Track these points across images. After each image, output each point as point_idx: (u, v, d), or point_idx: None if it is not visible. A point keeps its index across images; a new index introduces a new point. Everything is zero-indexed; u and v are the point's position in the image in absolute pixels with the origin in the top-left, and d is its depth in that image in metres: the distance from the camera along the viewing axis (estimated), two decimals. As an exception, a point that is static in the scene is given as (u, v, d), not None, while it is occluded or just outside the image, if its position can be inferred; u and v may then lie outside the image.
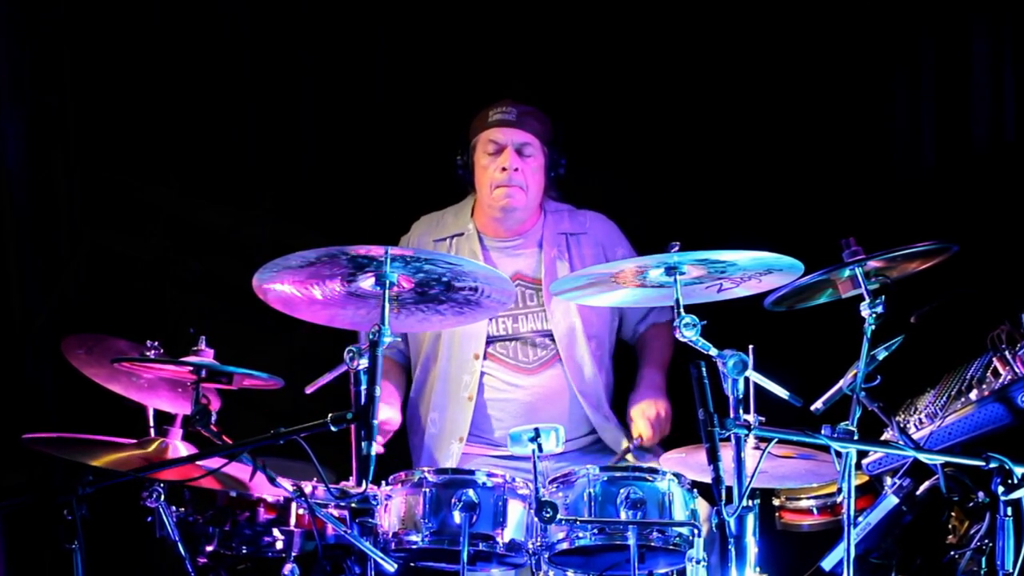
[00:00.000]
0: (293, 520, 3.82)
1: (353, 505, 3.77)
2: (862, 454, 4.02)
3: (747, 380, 3.51)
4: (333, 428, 3.41)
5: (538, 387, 4.60)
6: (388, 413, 4.51)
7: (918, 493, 4.07)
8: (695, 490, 3.86)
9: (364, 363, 3.48)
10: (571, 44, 5.36)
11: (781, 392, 3.61)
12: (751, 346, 3.54)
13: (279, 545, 3.82)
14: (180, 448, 3.92)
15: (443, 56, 5.40)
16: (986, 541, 3.91)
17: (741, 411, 3.46)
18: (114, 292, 5.34)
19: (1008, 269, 4.77)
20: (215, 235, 5.50)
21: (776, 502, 4.40)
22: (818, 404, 3.78)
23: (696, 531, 3.70)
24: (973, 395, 4.00)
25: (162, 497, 3.73)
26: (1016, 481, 3.43)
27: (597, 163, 5.17)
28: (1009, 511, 3.49)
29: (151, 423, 4.02)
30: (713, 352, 3.50)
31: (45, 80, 5.33)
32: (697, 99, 5.33)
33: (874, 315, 3.68)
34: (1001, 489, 3.45)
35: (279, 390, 3.98)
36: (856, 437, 3.57)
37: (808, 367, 4.00)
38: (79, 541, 3.45)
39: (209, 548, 3.83)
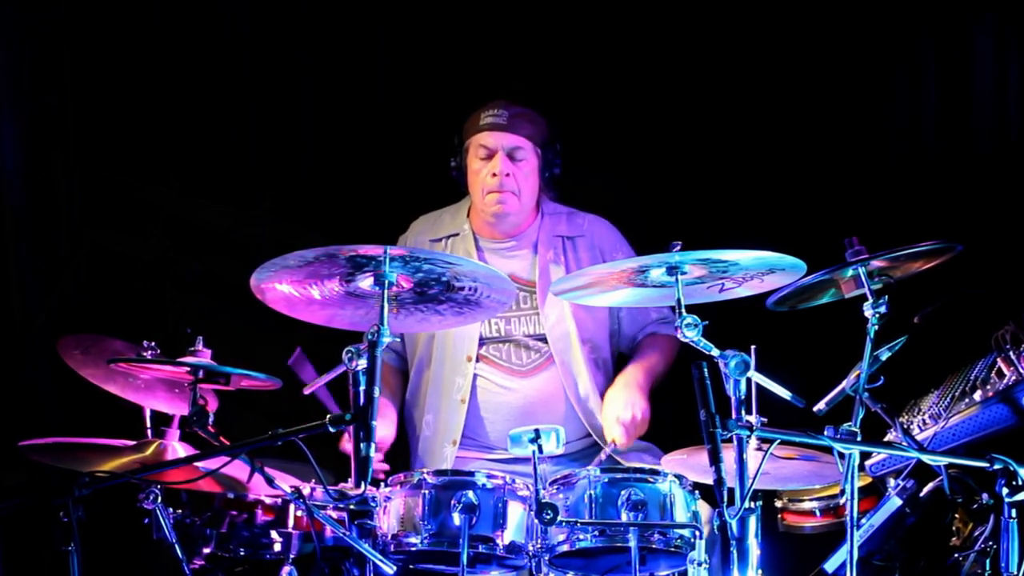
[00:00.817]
0: (291, 522, 3.81)
1: (352, 507, 3.75)
2: (865, 455, 4.00)
3: (749, 381, 3.49)
4: (331, 429, 3.39)
5: (531, 390, 4.56)
6: (383, 431, 4.44)
7: (921, 495, 4.06)
8: (697, 492, 3.85)
9: (363, 364, 3.45)
10: (571, 43, 5.35)
11: (783, 393, 3.59)
12: (753, 347, 3.52)
13: (277, 547, 3.80)
14: (178, 449, 3.91)
15: (443, 56, 5.39)
16: (990, 543, 3.89)
17: (743, 412, 3.45)
18: (114, 292, 5.33)
19: (1012, 269, 4.75)
20: (215, 235, 5.49)
21: (778, 504, 4.38)
22: (821, 405, 3.76)
23: (698, 533, 3.68)
24: (977, 396, 3.98)
25: (159, 499, 3.71)
26: (1020, 483, 3.41)
27: (597, 163, 5.16)
28: (1014, 513, 3.48)
29: (148, 424, 4.00)
30: (715, 352, 3.48)
31: (45, 80, 5.32)
32: (697, 99, 5.31)
33: (877, 315, 3.66)
34: (1005, 491, 3.45)
35: (277, 391, 3.96)
36: (859, 438, 3.55)
37: (811, 368, 3.98)
38: (75, 543, 3.43)
39: (206, 550, 3.82)
